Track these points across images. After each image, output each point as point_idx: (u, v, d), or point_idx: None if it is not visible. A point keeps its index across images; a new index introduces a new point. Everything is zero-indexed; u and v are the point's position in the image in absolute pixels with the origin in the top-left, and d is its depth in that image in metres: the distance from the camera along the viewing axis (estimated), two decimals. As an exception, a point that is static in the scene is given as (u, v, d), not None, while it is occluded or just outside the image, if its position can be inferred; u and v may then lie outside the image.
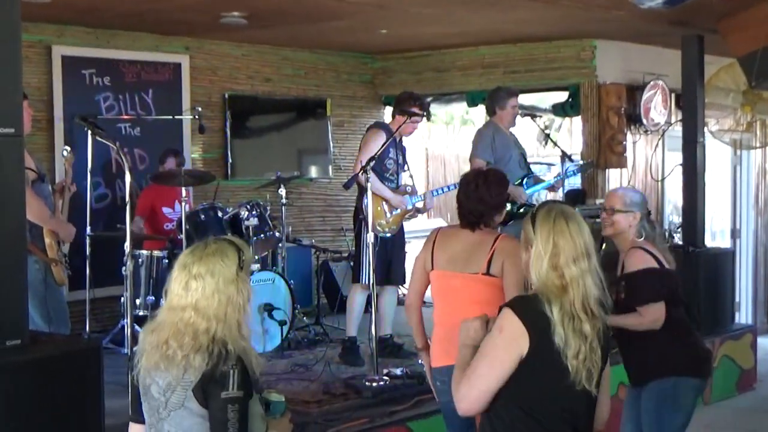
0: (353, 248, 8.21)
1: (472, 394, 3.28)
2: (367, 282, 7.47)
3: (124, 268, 6.74)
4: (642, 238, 5.20)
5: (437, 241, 4.98)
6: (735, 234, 12.43)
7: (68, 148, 6.78)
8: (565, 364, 3.21)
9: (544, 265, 3.28)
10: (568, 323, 3.22)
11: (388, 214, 7.59)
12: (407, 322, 5.21)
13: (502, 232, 5.23)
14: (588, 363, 3.23)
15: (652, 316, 5.01)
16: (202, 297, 3.26)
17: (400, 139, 7.76)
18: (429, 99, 11.22)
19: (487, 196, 4.93)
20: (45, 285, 6.14)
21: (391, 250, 7.71)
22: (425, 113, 7.78)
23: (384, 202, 7.52)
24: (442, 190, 8.66)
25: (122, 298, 7.81)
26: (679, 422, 5.10)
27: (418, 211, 7.87)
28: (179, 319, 3.27)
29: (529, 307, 3.27)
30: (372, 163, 6.84)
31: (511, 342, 3.23)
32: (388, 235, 7.62)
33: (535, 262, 3.31)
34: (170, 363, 3.24)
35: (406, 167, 7.93)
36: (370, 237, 6.79)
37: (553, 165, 11.62)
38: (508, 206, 7.33)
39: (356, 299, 7.72)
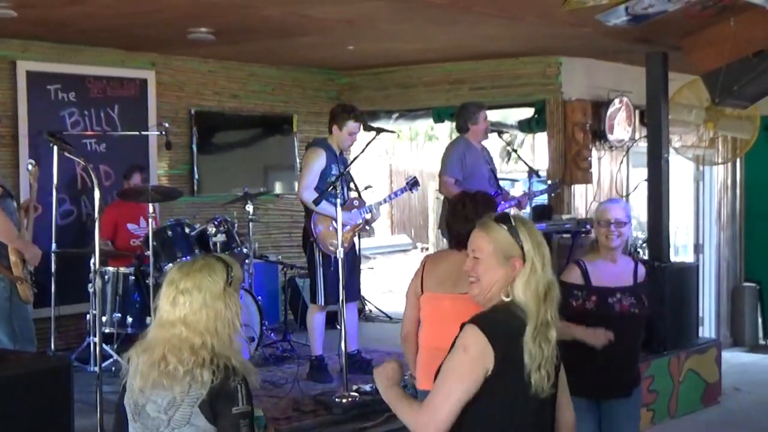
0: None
1: (439, 416, 3.15)
2: (323, 302, 7.48)
3: (90, 285, 6.71)
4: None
5: (426, 267, 4.96)
6: (698, 249, 12.55)
7: (33, 162, 6.75)
8: (529, 377, 3.16)
9: (540, 275, 3.23)
10: (538, 335, 3.18)
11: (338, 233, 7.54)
12: (403, 352, 5.17)
13: None
14: (548, 366, 3.21)
15: None
16: (189, 312, 3.26)
17: (341, 153, 7.69)
18: (395, 115, 11.27)
19: (474, 216, 4.91)
20: (10, 303, 6.10)
21: (344, 267, 7.66)
22: (363, 124, 7.73)
23: (333, 222, 7.46)
24: (389, 198, 8.52)
25: (88, 316, 7.76)
26: None
27: (368, 223, 7.84)
28: (171, 335, 3.26)
29: (495, 322, 3.21)
30: (330, 187, 6.85)
31: (476, 359, 3.15)
32: (341, 255, 7.54)
33: (532, 276, 3.22)
34: (173, 379, 3.22)
35: (351, 181, 7.87)
36: (339, 253, 6.77)
37: (517, 181, 11.67)
38: None
39: (315, 319, 7.69)
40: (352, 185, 7.78)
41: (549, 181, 9.68)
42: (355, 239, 7.75)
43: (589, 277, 5.21)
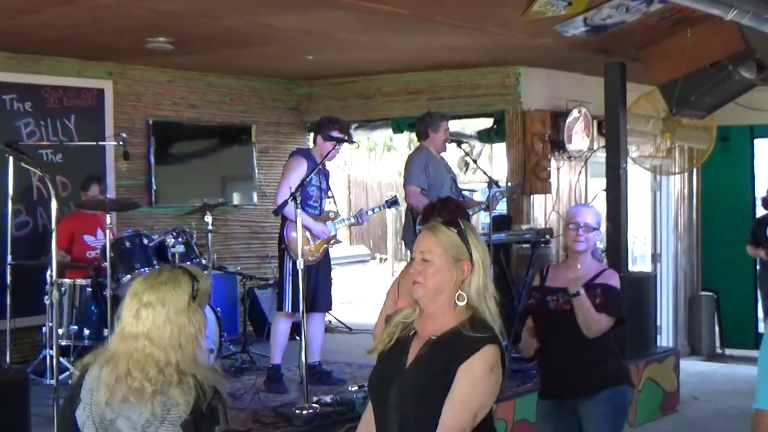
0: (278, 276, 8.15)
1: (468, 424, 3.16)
2: (289, 310, 7.44)
3: (46, 297, 6.62)
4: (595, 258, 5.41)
5: (401, 285, 4.83)
6: (655, 258, 12.63)
7: (37, 171, 6.46)
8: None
9: (488, 280, 3.28)
10: None
11: (311, 242, 7.54)
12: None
13: None
14: None
15: (606, 324, 5.13)
16: (153, 326, 3.19)
17: (323, 164, 7.72)
18: (354, 125, 11.25)
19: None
20: None
21: (316, 277, 7.65)
22: (347, 136, 7.74)
23: (307, 231, 7.46)
24: (378, 208, 8.66)
25: (44, 328, 7.65)
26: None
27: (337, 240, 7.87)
28: (134, 349, 3.18)
29: (494, 332, 3.23)
30: (299, 191, 6.81)
31: (498, 384, 3.22)
32: (311, 261, 7.54)
33: (482, 278, 3.27)
34: (140, 397, 3.13)
35: (329, 193, 7.89)
36: (299, 263, 6.73)
37: (476, 191, 11.69)
38: None
39: (280, 327, 7.66)
40: (330, 197, 7.82)
41: (509, 183, 9.69)
42: (329, 249, 7.77)
43: (545, 279, 5.32)
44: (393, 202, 8.23)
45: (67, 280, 7.75)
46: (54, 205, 5.83)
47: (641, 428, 8.74)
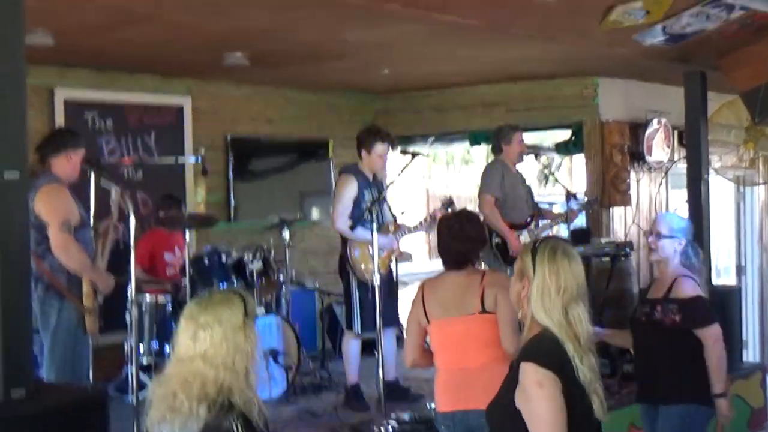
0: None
1: None
2: (359, 330, 7.41)
3: (127, 314, 6.66)
4: (684, 266, 5.35)
5: (426, 294, 5.02)
6: (740, 271, 12.38)
7: (117, 188, 6.39)
8: (589, 401, 3.20)
9: (554, 300, 3.27)
10: (584, 359, 3.22)
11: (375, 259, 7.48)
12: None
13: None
14: (602, 394, 3.25)
15: (715, 334, 5.17)
16: (210, 345, 3.24)
17: (374, 178, 7.63)
18: (431, 139, 11.22)
19: (473, 233, 5.09)
20: (75, 334, 6.04)
21: (381, 293, 7.59)
22: (391, 144, 7.66)
23: (369, 247, 7.39)
24: (414, 229, 7.95)
25: (126, 345, 7.71)
26: None
27: (407, 253, 7.80)
28: (188, 371, 3.23)
29: (546, 352, 3.22)
30: (366, 212, 6.82)
31: (553, 392, 3.16)
32: (377, 281, 7.47)
33: (541, 297, 3.28)
34: (175, 413, 3.20)
35: (387, 204, 7.76)
36: (376, 280, 6.71)
37: (555, 204, 11.57)
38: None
39: (350, 347, 7.62)
40: (387, 209, 7.73)
41: (586, 197, 9.57)
42: (392, 264, 7.69)
43: (648, 290, 5.58)
44: (449, 204, 8.04)
45: (147, 297, 7.82)
46: (133, 222, 5.88)
47: (728, 445, 8.54)
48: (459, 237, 5.00)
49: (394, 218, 7.75)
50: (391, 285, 7.74)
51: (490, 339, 4.80)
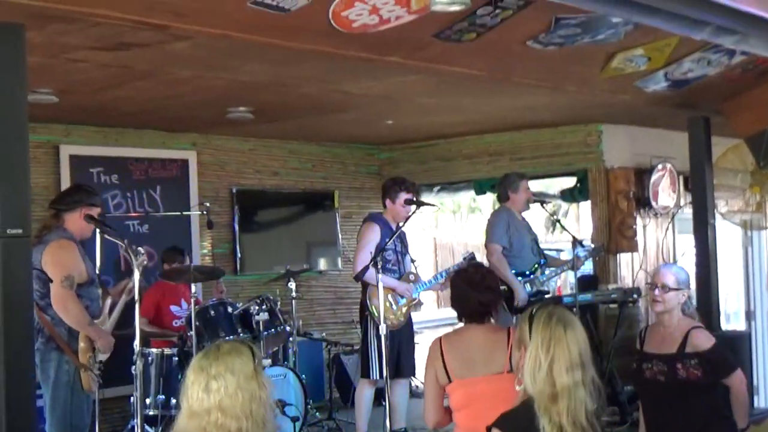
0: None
1: None
2: (376, 377, 7.37)
3: (133, 367, 6.64)
4: (686, 315, 5.30)
5: (445, 350, 4.73)
6: (750, 316, 12.29)
7: (141, 250, 6.29)
8: None
9: (542, 371, 3.25)
10: None
11: (394, 307, 7.50)
12: None
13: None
14: None
15: (740, 376, 5.11)
16: (225, 396, 3.20)
17: (398, 227, 7.65)
18: (436, 188, 11.24)
19: (494, 284, 4.92)
20: (73, 388, 6.03)
21: (400, 342, 7.59)
22: (416, 195, 7.70)
23: (390, 295, 7.42)
24: (434, 279, 8.05)
25: (132, 398, 7.69)
26: None
27: (420, 302, 7.79)
28: (206, 423, 3.18)
29: (516, 424, 3.24)
30: (379, 256, 6.79)
31: None
32: (395, 326, 7.49)
33: (531, 366, 3.27)
34: None
35: (408, 255, 7.83)
36: (382, 329, 6.70)
37: (562, 251, 11.55)
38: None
39: (364, 394, 7.61)
40: (409, 259, 7.76)
41: (592, 245, 9.55)
42: (411, 314, 7.73)
43: (643, 341, 5.34)
44: (471, 259, 8.12)
45: (153, 350, 7.81)
46: (136, 275, 5.89)
47: (741, 492, 8.43)
48: (481, 288, 4.79)
49: (416, 269, 7.80)
50: (409, 333, 7.76)
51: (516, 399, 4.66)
